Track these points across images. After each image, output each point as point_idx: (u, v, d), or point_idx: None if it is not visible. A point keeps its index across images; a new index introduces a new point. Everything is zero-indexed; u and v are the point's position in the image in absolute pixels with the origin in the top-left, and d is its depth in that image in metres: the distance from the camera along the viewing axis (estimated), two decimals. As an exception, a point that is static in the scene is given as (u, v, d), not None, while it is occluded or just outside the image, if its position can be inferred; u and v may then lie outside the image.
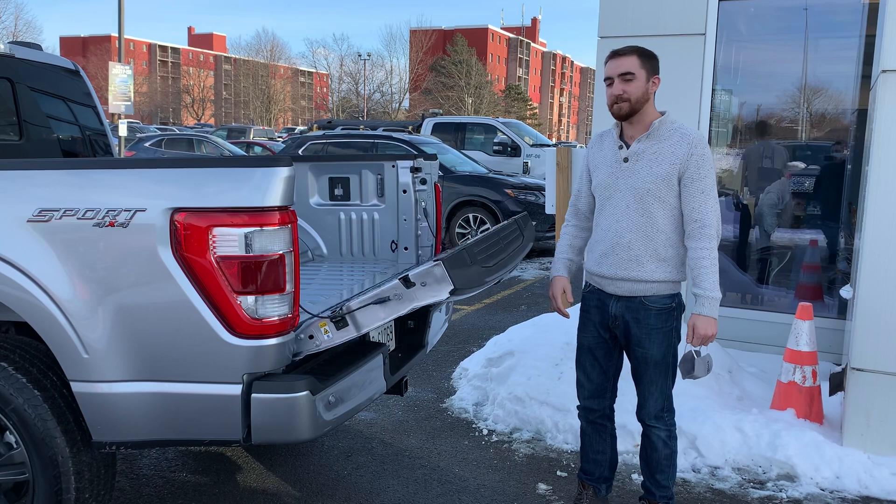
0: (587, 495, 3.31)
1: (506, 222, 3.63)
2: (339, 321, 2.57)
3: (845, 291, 4.34)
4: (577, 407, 3.29)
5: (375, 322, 2.58)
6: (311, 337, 2.59)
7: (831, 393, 4.24)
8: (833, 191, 5.55)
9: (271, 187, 2.41)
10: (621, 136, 3.02)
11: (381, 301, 2.54)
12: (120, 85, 17.50)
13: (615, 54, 2.94)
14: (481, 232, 10.78)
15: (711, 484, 3.76)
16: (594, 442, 3.27)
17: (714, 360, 4.65)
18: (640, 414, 3.13)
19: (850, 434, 3.87)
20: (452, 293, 2.51)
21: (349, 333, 2.59)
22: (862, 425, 3.83)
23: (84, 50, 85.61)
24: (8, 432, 2.67)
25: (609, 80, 2.94)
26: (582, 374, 3.21)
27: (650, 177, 2.90)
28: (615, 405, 3.28)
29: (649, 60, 2.93)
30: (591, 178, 3.15)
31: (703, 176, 2.88)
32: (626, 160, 2.97)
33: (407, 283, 2.53)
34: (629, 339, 3.04)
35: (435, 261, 2.53)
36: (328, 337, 2.59)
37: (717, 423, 4.02)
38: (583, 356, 3.19)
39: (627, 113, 2.92)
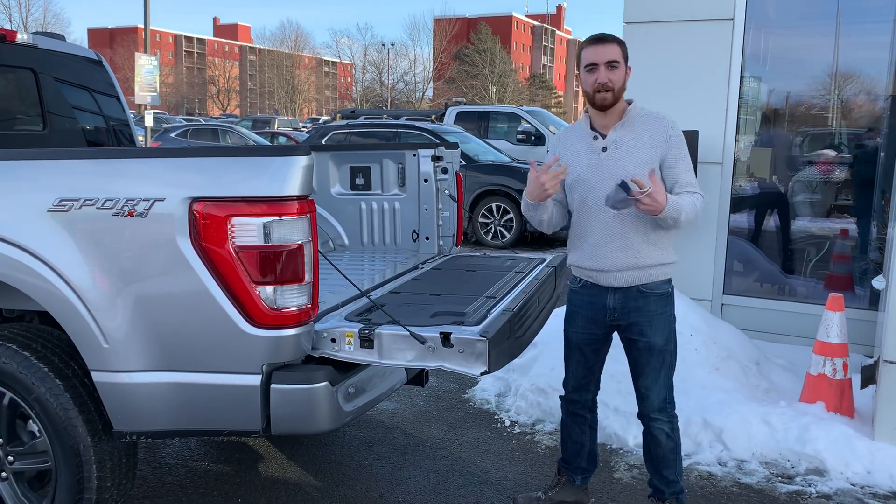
0: (561, 482, 3.35)
1: (546, 273, 3.53)
2: (367, 341, 2.50)
3: (878, 282, 4.24)
4: (560, 398, 3.31)
5: (399, 360, 2.50)
6: (333, 340, 2.54)
7: (863, 386, 4.15)
8: (865, 179, 5.41)
9: (290, 176, 2.39)
10: (592, 127, 2.99)
11: (418, 339, 2.45)
12: (146, 76, 17.65)
13: (599, 40, 2.89)
14: (504, 223, 10.72)
15: (738, 478, 3.69)
16: (573, 432, 3.29)
17: (741, 351, 4.59)
18: (644, 408, 3.08)
19: (882, 428, 3.77)
20: (482, 373, 2.44)
21: (370, 356, 2.52)
22: (895, 419, 3.74)
23: (111, 41, 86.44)
24: (31, 421, 2.69)
25: (592, 66, 2.87)
26: (567, 368, 3.22)
27: (632, 163, 2.87)
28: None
29: (626, 50, 2.95)
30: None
31: (684, 155, 2.92)
32: (604, 150, 2.93)
33: (446, 341, 2.43)
34: (630, 330, 3.01)
35: (482, 334, 2.43)
36: (349, 349, 2.53)
37: (744, 415, 3.95)
38: (570, 352, 3.18)
39: (611, 103, 2.89)
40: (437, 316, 2.66)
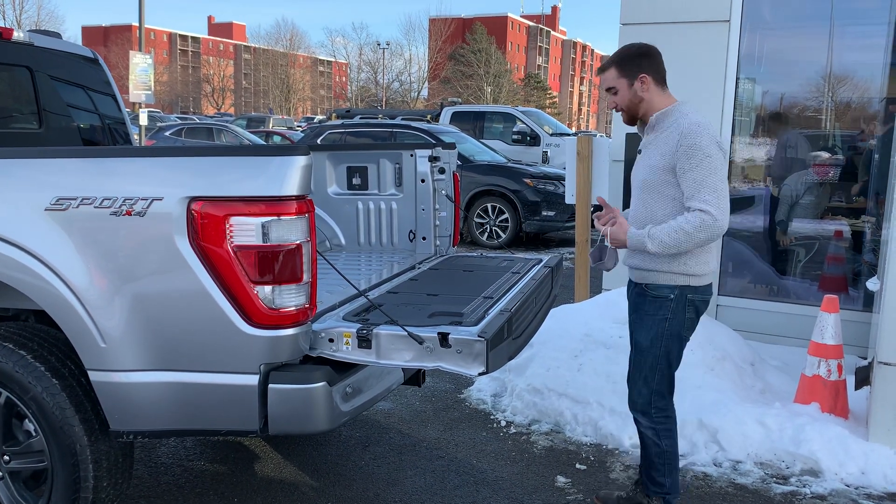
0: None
1: (543, 273, 3.53)
2: (365, 341, 2.49)
3: (872, 283, 4.25)
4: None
5: (397, 361, 2.50)
6: (330, 340, 2.54)
7: (857, 387, 4.16)
8: (859, 180, 5.44)
9: (288, 176, 2.38)
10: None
11: (416, 339, 2.44)
12: (140, 74, 17.58)
13: (599, 71, 3.10)
14: (500, 223, 10.72)
15: (733, 478, 3.71)
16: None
17: (736, 352, 4.60)
18: (628, 405, 3.15)
19: (876, 429, 3.79)
20: (480, 374, 2.44)
21: (368, 357, 2.51)
22: (889, 420, 3.76)
23: (105, 39, 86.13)
24: (27, 420, 2.69)
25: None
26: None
27: (647, 169, 2.97)
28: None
29: (630, 63, 2.96)
30: None
31: (695, 166, 2.78)
32: (639, 152, 3.07)
33: (444, 341, 2.43)
34: (630, 325, 3.13)
35: (480, 334, 2.43)
36: (347, 349, 2.52)
37: (739, 416, 3.96)
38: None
39: (629, 120, 3.05)
40: (434, 316, 2.66)
